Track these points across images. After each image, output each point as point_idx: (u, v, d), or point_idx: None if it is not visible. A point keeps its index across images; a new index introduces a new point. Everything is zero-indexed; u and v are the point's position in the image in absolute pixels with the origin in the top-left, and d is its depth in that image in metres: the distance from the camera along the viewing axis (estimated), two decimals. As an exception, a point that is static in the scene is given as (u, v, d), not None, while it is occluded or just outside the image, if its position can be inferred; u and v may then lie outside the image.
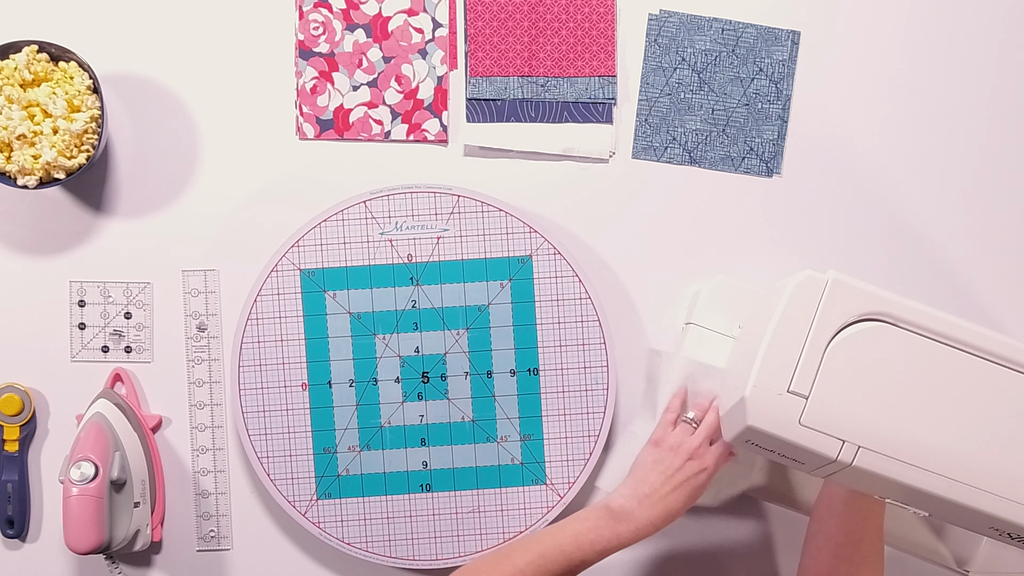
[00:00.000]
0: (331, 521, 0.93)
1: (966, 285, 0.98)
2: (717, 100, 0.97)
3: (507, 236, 0.93)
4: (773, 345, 0.75)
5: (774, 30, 0.96)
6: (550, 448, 0.94)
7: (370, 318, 0.93)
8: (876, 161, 0.98)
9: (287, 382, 0.93)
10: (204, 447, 0.96)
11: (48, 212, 0.95)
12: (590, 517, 0.82)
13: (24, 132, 0.87)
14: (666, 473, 0.82)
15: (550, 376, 0.94)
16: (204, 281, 0.96)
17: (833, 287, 0.75)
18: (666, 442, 0.84)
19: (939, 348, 0.75)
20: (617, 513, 0.82)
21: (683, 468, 0.82)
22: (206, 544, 0.97)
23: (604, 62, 0.96)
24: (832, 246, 0.98)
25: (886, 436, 0.73)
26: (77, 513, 0.85)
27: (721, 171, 0.97)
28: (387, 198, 0.93)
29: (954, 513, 0.75)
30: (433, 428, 0.93)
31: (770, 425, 0.74)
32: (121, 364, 0.96)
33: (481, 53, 0.96)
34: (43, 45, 0.89)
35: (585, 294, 0.93)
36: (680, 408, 0.86)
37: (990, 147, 0.98)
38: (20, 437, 0.94)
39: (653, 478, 0.82)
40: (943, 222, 0.98)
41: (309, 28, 0.95)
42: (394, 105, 0.96)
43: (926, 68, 0.98)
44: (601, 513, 0.82)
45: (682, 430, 0.84)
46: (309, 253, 0.93)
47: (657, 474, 0.82)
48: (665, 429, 0.85)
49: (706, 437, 0.83)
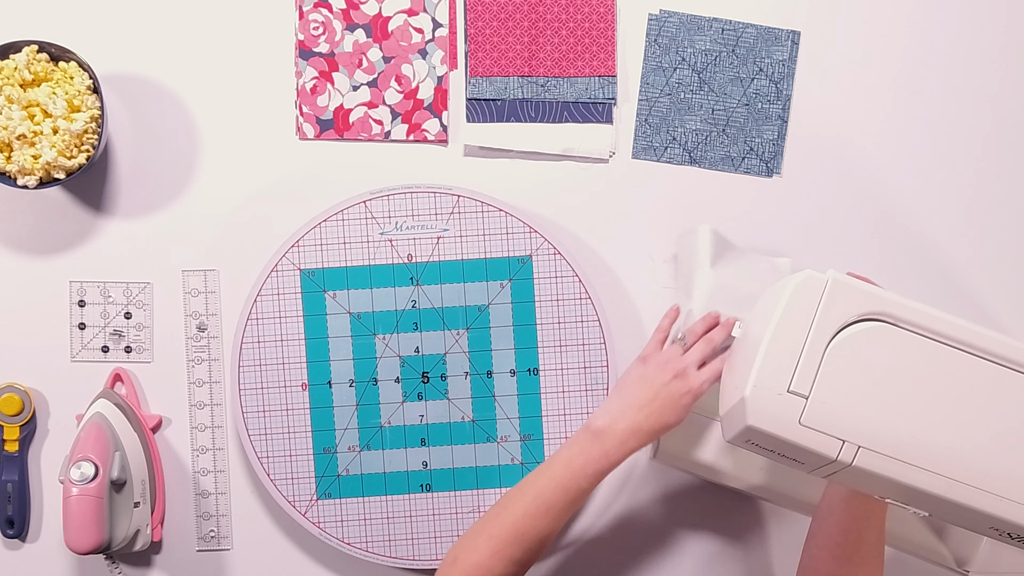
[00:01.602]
0: (331, 521, 0.93)
1: (966, 285, 0.98)
2: (717, 100, 0.97)
3: (507, 236, 0.93)
4: (773, 345, 0.75)
5: (774, 30, 0.96)
6: (550, 448, 0.94)
7: (370, 318, 0.93)
8: (876, 161, 0.98)
9: (287, 382, 0.93)
10: (204, 447, 0.96)
11: (48, 212, 0.95)
12: (576, 442, 0.81)
13: (24, 132, 0.87)
14: (652, 387, 0.81)
15: (550, 376, 0.94)
16: (204, 281, 0.96)
17: (833, 287, 0.75)
18: (654, 359, 0.83)
19: (939, 348, 0.75)
20: (600, 431, 0.80)
21: (668, 385, 0.81)
22: (206, 544, 0.97)
23: (604, 62, 0.96)
24: (832, 246, 0.98)
25: (886, 436, 0.73)
26: (77, 513, 0.85)
27: (721, 171, 0.97)
28: (387, 198, 0.93)
29: (954, 513, 0.75)
30: (433, 428, 0.93)
31: (770, 425, 0.74)
32: (121, 364, 0.96)
33: (481, 53, 0.96)
34: (43, 45, 0.89)
35: (585, 294, 0.93)
36: (669, 328, 0.86)
37: (990, 147, 0.98)
38: (20, 437, 0.94)
39: (636, 391, 0.81)
40: (943, 222, 0.98)
41: (309, 28, 0.95)
42: (394, 105, 0.96)
43: (926, 68, 0.98)
44: (585, 435, 0.81)
45: (672, 348, 0.83)
46: (309, 253, 0.93)
47: (641, 388, 0.81)
48: (655, 347, 0.84)
49: (697, 360, 0.82)
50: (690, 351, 0.83)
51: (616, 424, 0.80)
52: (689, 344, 0.83)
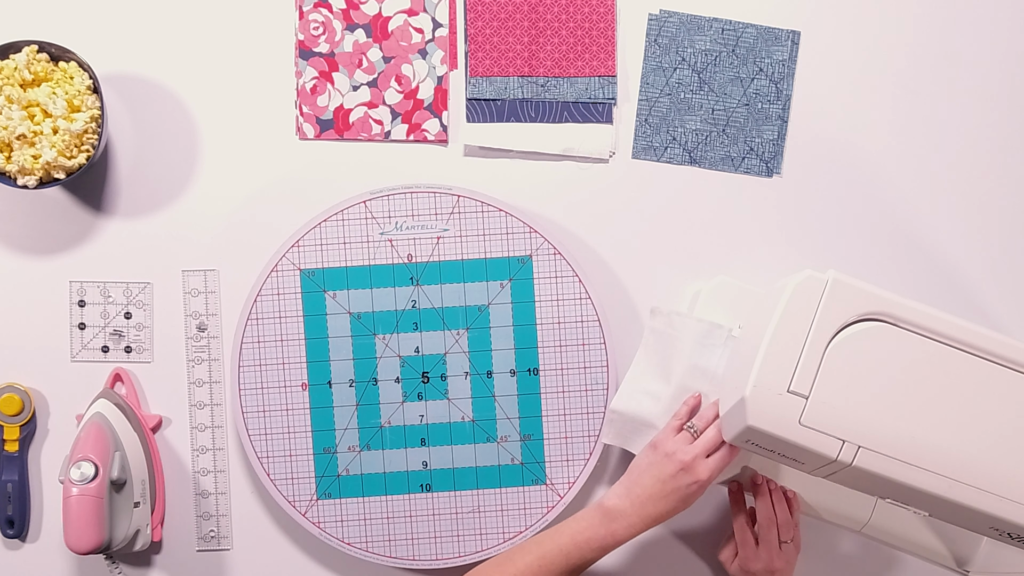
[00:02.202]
0: (331, 521, 0.93)
1: (966, 285, 0.98)
2: (717, 100, 0.97)
3: (507, 236, 0.93)
4: (773, 345, 0.75)
5: (774, 30, 0.96)
6: (550, 448, 0.94)
7: (370, 318, 0.93)
8: (876, 161, 0.98)
9: (287, 382, 0.93)
10: (204, 447, 0.96)
11: (48, 212, 0.95)
12: (586, 517, 0.84)
13: (24, 132, 0.87)
14: (659, 478, 0.82)
15: (550, 376, 0.94)
16: (204, 281, 0.96)
17: (833, 287, 0.75)
18: (663, 447, 0.84)
19: (939, 348, 0.75)
20: (611, 512, 0.83)
21: (676, 477, 0.82)
22: (206, 544, 0.97)
23: (604, 62, 0.96)
24: (832, 246, 0.98)
25: (886, 436, 0.73)
26: (77, 513, 0.85)
27: (721, 171, 0.97)
28: (387, 198, 0.93)
29: (954, 513, 0.75)
30: (433, 428, 0.93)
31: (770, 425, 0.74)
32: (121, 364, 0.96)
33: (481, 53, 0.96)
34: (43, 45, 0.89)
35: (585, 294, 0.93)
36: (687, 416, 0.86)
37: (990, 147, 0.98)
38: (20, 437, 0.94)
39: (646, 481, 0.83)
40: (943, 222, 0.98)
41: (309, 28, 0.95)
42: (394, 105, 0.96)
43: (926, 68, 0.98)
44: (596, 512, 0.84)
45: (682, 438, 0.84)
46: (309, 253, 0.93)
47: (650, 477, 0.83)
48: (667, 434, 0.85)
49: (703, 451, 0.82)
50: (697, 441, 0.83)
51: (626, 508, 0.83)
52: (699, 430, 0.84)
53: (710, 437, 0.83)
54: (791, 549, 0.89)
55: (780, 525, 0.88)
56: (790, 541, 0.89)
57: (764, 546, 0.88)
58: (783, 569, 0.88)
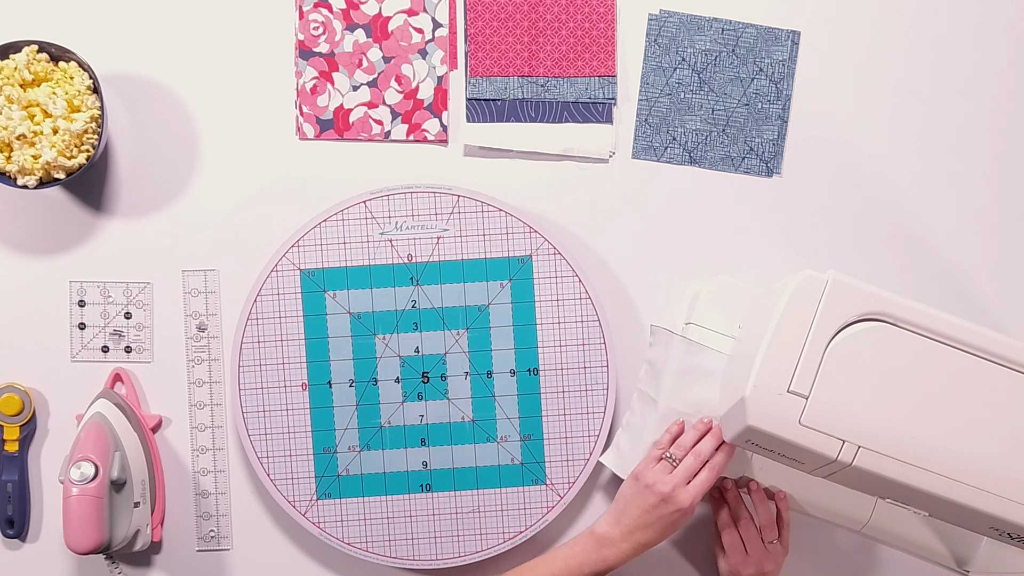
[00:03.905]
0: (331, 521, 0.93)
1: (966, 285, 0.98)
2: (717, 100, 0.97)
3: (507, 236, 0.93)
4: (773, 345, 0.75)
5: (774, 30, 0.96)
6: (550, 448, 0.94)
7: (370, 318, 0.93)
8: (876, 161, 0.98)
9: (287, 382, 0.93)
10: (204, 447, 0.96)
11: (48, 212, 0.95)
12: (578, 543, 0.87)
13: (24, 132, 0.87)
14: (643, 508, 0.84)
15: (550, 376, 0.94)
16: (204, 281, 0.96)
17: (833, 287, 0.75)
18: (643, 479, 0.85)
19: (939, 348, 0.75)
20: (602, 538, 0.86)
21: (658, 507, 0.84)
22: (206, 544, 0.97)
23: (604, 62, 0.96)
24: (832, 246, 0.98)
25: (886, 436, 0.73)
26: (77, 513, 0.85)
27: (721, 171, 0.97)
28: (387, 198, 0.93)
29: (954, 513, 0.75)
30: (433, 428, 0.93)
31: (770, 425, 0.74)
32: (121, 364, 0.96)
33: (481, 53, 0.96)
34: (43, 45, 0.89)
35: (585, 294, 0.93)
36: (668, 444, 0.87)
37: (990, 147, 0.98)
38: (20, 437, 0.94)
39: (632, 511, 0.85)
40: (943, 222, 0.98)
41: (309, 28, 0.95)
42: (394, 105, 0.96)
43: (926, 68, 0.98)
44: (588, 538, 0.87)
45: (661, 468, 0.85)
46: (309, 253, 0.93)
47: (635, 508, 0.85)
48: (647, 464, 0.86)
49: (682, 480, 0.83)
50: (676, 470, 0.84)
51: (615, 536, 0.86)
52: (678, 459, 0.85)
53: (688, 465, 0.84)
54: (778, 549, 0.90)
55: (763, 527, 0.89)
56: (775, 541, 0.89)
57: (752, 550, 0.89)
58: (772, 571, 0.89)
